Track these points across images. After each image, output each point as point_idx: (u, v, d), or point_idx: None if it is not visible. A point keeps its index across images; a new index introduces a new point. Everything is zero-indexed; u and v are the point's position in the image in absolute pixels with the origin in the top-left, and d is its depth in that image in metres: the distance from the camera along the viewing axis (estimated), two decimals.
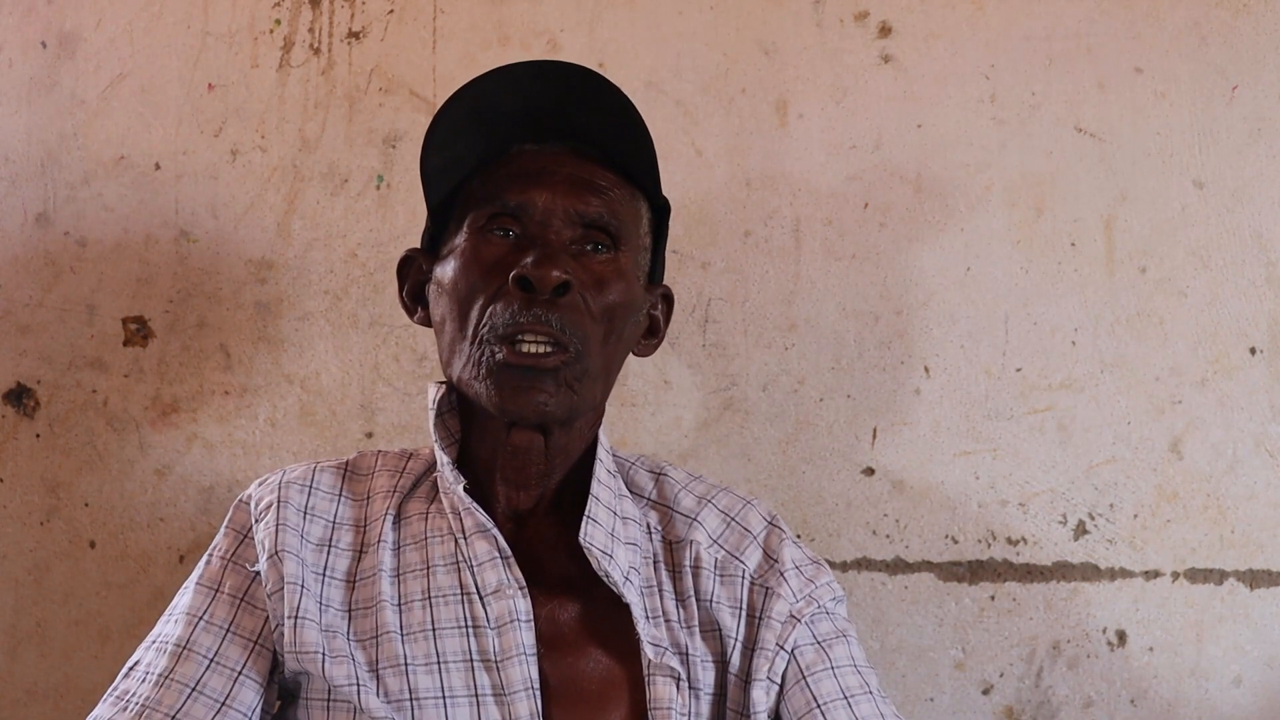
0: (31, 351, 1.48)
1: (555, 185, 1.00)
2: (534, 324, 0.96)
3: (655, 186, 1.07)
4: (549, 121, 1.03)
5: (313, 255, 1.46)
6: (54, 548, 1.46)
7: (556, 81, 1.01)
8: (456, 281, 1.01)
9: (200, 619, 1.00)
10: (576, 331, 0.98)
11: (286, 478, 1.05)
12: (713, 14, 1.44)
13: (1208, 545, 1.39)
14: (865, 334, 1.42)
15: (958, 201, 1.42)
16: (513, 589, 0.98)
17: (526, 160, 1.02)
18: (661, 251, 1.11)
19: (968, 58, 1.42)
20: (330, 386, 1.45)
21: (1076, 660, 1.40)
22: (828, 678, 1.01)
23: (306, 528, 1.02)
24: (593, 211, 1.01)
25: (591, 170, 1.03)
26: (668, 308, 1.13)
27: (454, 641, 0.97)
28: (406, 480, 1.06)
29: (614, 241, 1.02)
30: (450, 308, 1.01)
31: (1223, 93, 1.40)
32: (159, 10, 1.48)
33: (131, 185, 1.47)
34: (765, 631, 1.02)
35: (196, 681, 0.97)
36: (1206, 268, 1.40)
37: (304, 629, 0.96)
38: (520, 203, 1.00)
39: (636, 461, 1.13)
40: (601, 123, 1.02)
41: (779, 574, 1.05)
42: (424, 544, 1.02)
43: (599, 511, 1.02)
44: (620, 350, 1.05)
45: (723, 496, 1.10)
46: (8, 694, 1.46)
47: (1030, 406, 1.41)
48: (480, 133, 1.03)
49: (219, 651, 0.98)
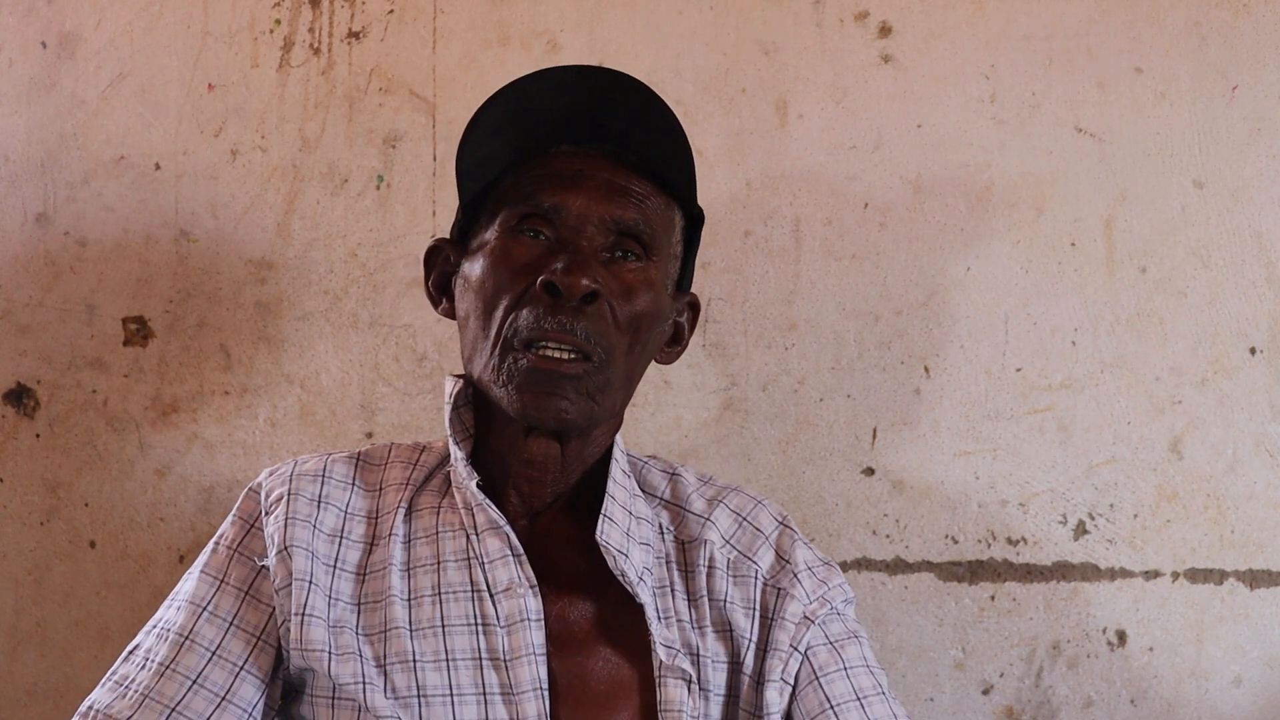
0: (31, 351, 1.48)
1: (591, 190, 0.99)
2: (559, 332, 0.96)
3: (691, 195, 1.06)
4: (588, 124, 1.01)
5: (313, 255, 1.46)
6: (54, 548, 1.46)
7: (598, 85, 1.01)
8: (484, 281, 1.00)
9: (204, 609, 0.99)
10: (601, 341, 0.97)
11: (299, 469, 1.04)
12: (713, 14, 1.44)
13: (1208, 545, 1.39)
14: (865, 334, 1.42)
15: (958, 201, 1.42)
16: (524, 587, 0.98)
17: (563, 161, 1.01)
18: (692, 260, 1.11)
19: (968, 58, 1.42)
20: (330, 386, 1.45)
21: (1076, 660, 1.40)
22: (840, 678, 1.01)
23: (320, 517, 1.01)
24: (628, 219, 1.00)
25: (628, 177, 1.01)
26: (693, 315, 1.12)
27: (463, 639, 0.97)
28: (420, 473, 1.06)
29: (645, 250, 1.01)
30: (476, 305, 1.01)
31: (1223, 93, 1.40)
32: (159, 10, 1.48)
33: (131, 185, 1.47)
34: (779, 632, 1.02)
35: (198, 674, 0.97)
36: (1206, 268, 1.40)
37: (310, 626, 0.96)
38: (554, 204, 0.99)
39: (650, 461, 1.13)
40: (641, 129, 1.01)
41: (792, 575, 1.05)
42: (435, 538, 1.01)
43: (614, 510, 1.02)
44: (643, 359, 1.05)
45: (734, 497, 1.10)
46: (8, 694, 1.46)
47: (1030, 406, 1.41)
48: (518, 131, 1.02)
49: (221, 644, 0.98)
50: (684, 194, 1.06)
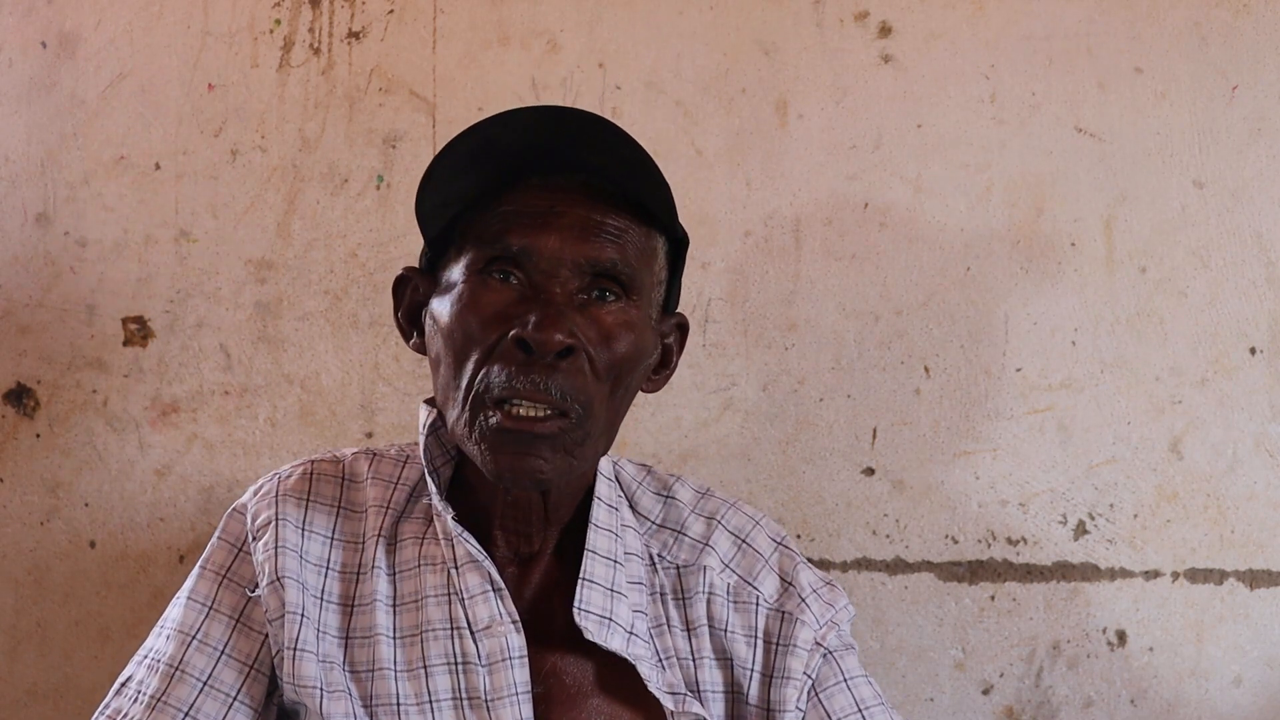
0: (31, 351, 1.48)
1: (564, 229, 0.92)
2: (531, 391, 0.90)
3: (673, 221, 0.99)
4: (558, 157, 0.94)
5: (313, 255, 1.46)
6: (54, 548, 1.46)
7: (564, 123, 0.93)
8: (453, 329, 0.93)
9: (193, 638, 0.97)
10: (579, 396, 0.91)
11: (283, 489, 1.01)
12: (713, 14, 1.44)
13: (1208, 545, 1.39)
14: (865, 334, 1.42)
15: (958, 201, 1.42)
16: (505, 624, 0.94)
17: (533, 196, 0.94)
18: (678, 282, 1.04)
19: (968, 58, 1.42)
20: (330, 386, 1.45)
21: (1076, 660, 1.40)
22: (841, 691, 1.00)
23: (305, 546, 0.98)
24: (605, 259, 0.93)
25: (604, 211, 0.94)
26: (681, 336, 1.05)
27: (443, 679, 0.94)
28: (400, 494, 1.01)
29: (625, 290, 0.94)
30: (446, 353, 0.95)
31: (1223, 93, 1.40)
32: (159, 10, 1.48)
33: (131, 185, 1.47)
34: (792, 660, 0.99)
35: (190, 705, 0.95)
36: (1206, 268, 1.40)
37: (303, 662, 0.94)
38: (524, 247, 0.92)
39: (643, 481, 1.08)
40: (613, 160, 0.94)
41: (799, 599, 1.02)
42: (418, 572, 0.98)
43: (596, 569, 0.98)
44: (627, 400, 0.99)
45: (732, 516, 1.06)
46: (8, 694, 1.46)
47: (1030, 406, 1.41)
48: (483, 169, 0.94)
49: (213, 674, 0.96)
50: (665, 221, 0.98)
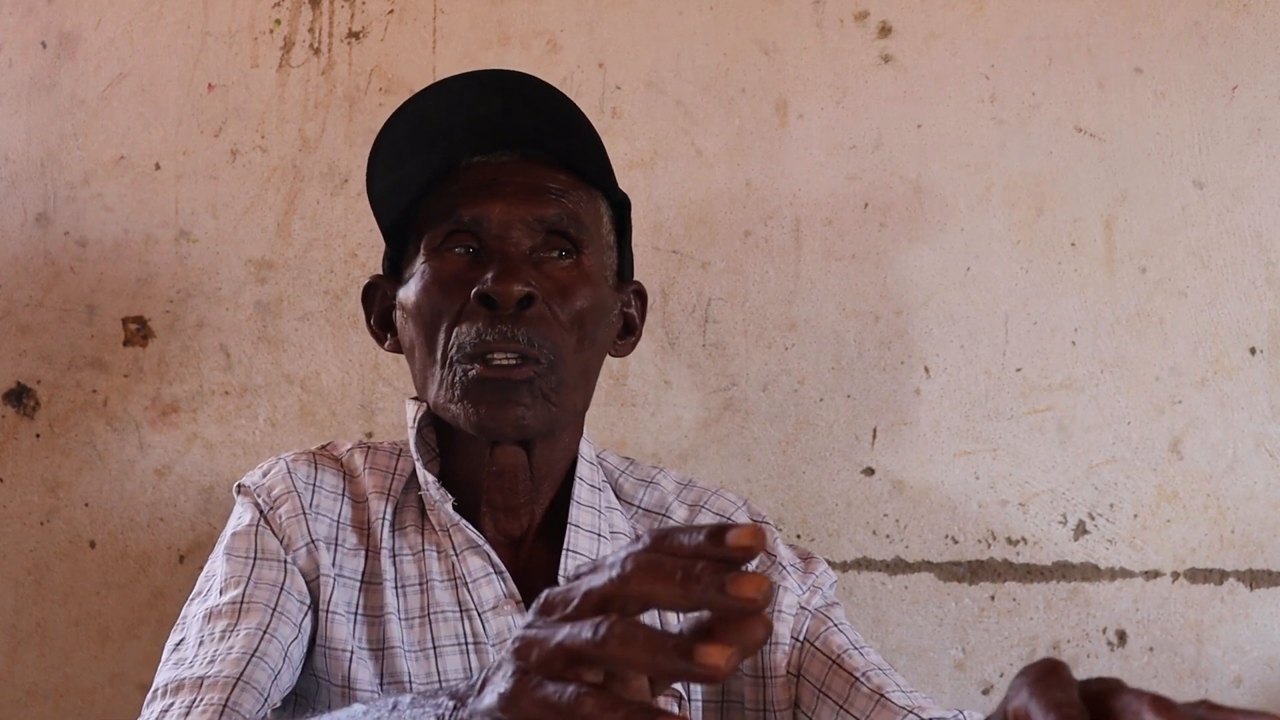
0: (31, 351, 1.48)
1: (509, 194, 0.98)
2: (501, 341, 0.94)
3: (611, 183, 1.05)
4: (495, 131, 1.00)
5: (313, 255, 1.46)
6: (54, 548, 1.46)
7: (496, 90, 0.99)
8: (420, 305, 0.98)
9: (248, 579, 0.95)
10: (545, 343, 0.96)
11: (291, 469, 1.02)
12: (713, 14, 1.44)
13: (1208, 545, 1.39)
14: (865, 334, 1.42)
15: (958, 201, 1.42)
16: (509, 604, 0.97)
17: (476, 172, 1.00)
18: (628, 247, 1.09)
19: (968, 58, 1.42)
20: (330, 386, 1.45)
21: (1076, 660, 1.39)
22: (836, 633, 1.02)
23: (313, 527, 1.00)
24: (551, 215, 0.98)
25: (544, 175, 1.00)
26: (641, 304, 1.11)
27: (454, 659, 0.97)
28: (398, 483, 1.04)
29: (575, 245, 1.00)
30: (417, 332, 0.99)
31: (1223, 93, 1.40)
32: (159, 10, 1.48)
33: (131, 185, 1.47)
34: (778, 625, 1.01)
35: (266, 626, 0.92)
36: (1206, 268, 1.40)
37: (334, 624, 0.95)
38: (474, 216, 0.98)
39: (627, 470, 1.11)
40: (548, 126, 1.00)
41: (780, 567, 1.04)
42: (421, 557, 1.00)
43: (579, 541, 1.01)
44: (596, 355, 1.03)
45: (714, 500, 1.09)
46: (8, 694, 1.46)
47: (1030, 406, 1.41)
48: (425, 151, 1.00)
49: (279, 604, 0.94)
50: (603, 183, 1.04)
